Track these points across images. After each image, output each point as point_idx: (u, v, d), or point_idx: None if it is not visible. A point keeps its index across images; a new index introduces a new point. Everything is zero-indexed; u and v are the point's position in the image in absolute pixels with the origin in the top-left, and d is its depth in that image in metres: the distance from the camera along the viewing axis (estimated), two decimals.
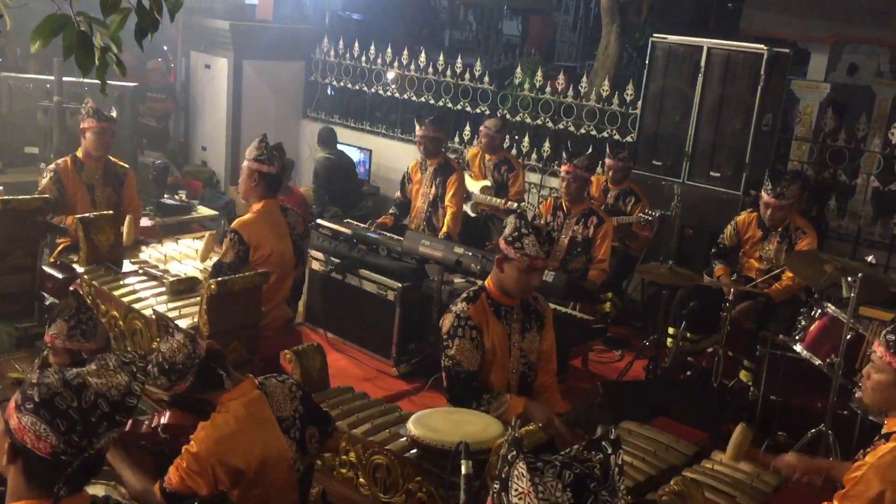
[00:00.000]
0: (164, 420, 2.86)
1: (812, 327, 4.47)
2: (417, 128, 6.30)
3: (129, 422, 2.56)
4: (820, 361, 4.36)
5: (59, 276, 4.87)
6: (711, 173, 6.54)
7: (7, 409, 1.86)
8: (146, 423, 2.92)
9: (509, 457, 1.51)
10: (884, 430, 2.84)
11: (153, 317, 4.15)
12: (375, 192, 8.71)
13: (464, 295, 3.68)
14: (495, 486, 1.52)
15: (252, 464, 2.70)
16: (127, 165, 5.90)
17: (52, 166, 5.58)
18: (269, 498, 2.77)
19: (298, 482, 2.87)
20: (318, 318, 5.91)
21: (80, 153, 5.60)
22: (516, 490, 1.47)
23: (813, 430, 4.38)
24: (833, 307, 4.40)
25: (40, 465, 1.78)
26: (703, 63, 6.46)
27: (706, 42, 6.52)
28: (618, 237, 6.20)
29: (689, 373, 5.42)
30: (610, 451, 1.51)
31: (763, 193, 5.33)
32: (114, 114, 5.81)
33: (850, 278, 4.18)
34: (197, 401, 2.77)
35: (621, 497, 1.50)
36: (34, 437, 1.77)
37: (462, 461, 1.97)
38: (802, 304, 4.94)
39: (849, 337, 4.16)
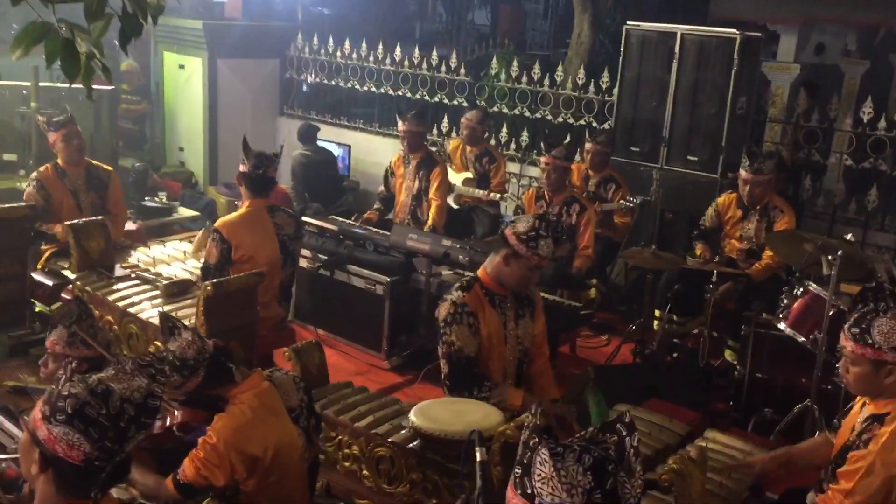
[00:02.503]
0: (177, 419, 2.91)
1: (794, 305, 4.58)
2: (400, 123, 6.34)
3: None
4: (803, 338, 4.47)
5: (49, 282, 4.88)
6: (689, 157, 6.63)
7: (32, 421, 1.89)
8: (158, 423, 2.96)
9: (531, 443, 1.58)
10: (873, 411, 2.87)
11: (151, 320, 4.19)
12: (355, 187, 8.72)
13: (458, 284, 3.74)
14: (517, 470, 1.59)
15: (268, 451, 2.77)
16: (110, 168, 5.88)
17: (34, 174, 5.56)
18: (283, 486, 2.84)
19: (308, 471, 2.94)
20: (308, 314, 5.94)
21: (60, 161, 5.57)
22: (539, 475, 1.54)
23: (799, 406, 4.50)
24: (814, 285, 4.52)
25: (73, 472, 1.83)
26: (677, 49, 6.55)
27: (679, 28, 6.61)
28: (598, 225, 6.29)
29: (675, 354, 5.53)
30: (625, 433, 1.59)
31: (741, 171, 5.44)
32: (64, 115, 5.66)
33: (830, 256, 4.29)
34: (209, 397, 2.82)
35: (637, 477, 1.57)
36: (66, 447, 1.81)
37: (476, 449, 2.04)
38: (783, 284, 5.06)
39: (831, 313, 4.27)
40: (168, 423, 2.93)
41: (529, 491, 1.55)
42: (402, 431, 3.36)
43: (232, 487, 2.79)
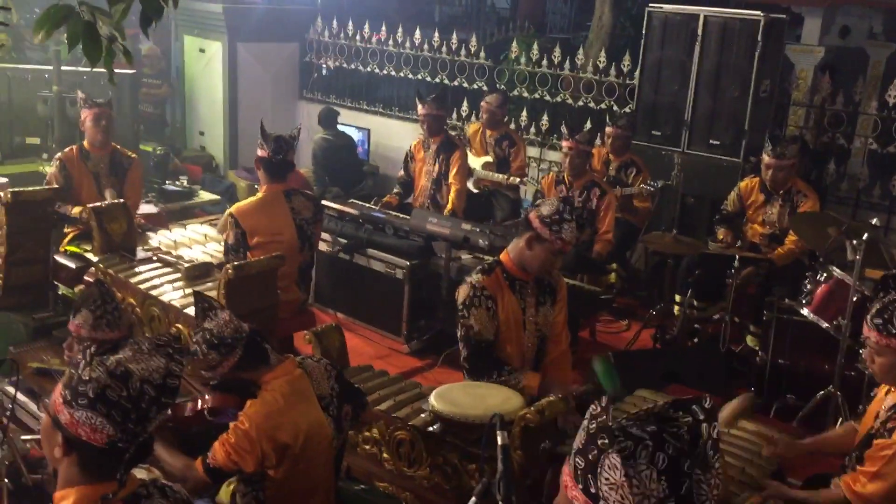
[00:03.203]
0: (209, 402, 2.92)
1: (818, 291, 4.53)
2: (419, 106, 6.32)
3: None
4: (827, 324, 4.43)
5: (72, 265, 4.91)
6: (711, 141, 6.57)
7: (53, 405, 1.90)
8: (189, 405, 2.98)
9: (599, 442, 1.44)
10: None
11: (173, 303, 4.21)
12: (375, 172, 8.72)
13: (479, 267, 3.74)
14: (579, 462, 1.47)
15: (298, 439, 2.77)
16: (135, 156, 5.90)
17: (58, 154, 5.62)
18: (311, 473, 2.85)
19: (334, 458, 2.95)
20: (327, 298, 5.96)
21: (86, 143, 5.63)
22: (608, 479, 1.43)
23: (821, 392, 4.46)
24: (838, 270, 4.47)
25: (97, 455, 1.84)
26: (699, 31, 6.47)
27: (702, 10, 6.53)
28: (618, 209, 6.26)
29: (696, 340, 5.50)
30: (702, 417, 1.44)
31: (764, 155, 5.39)
32: (104, 99, 5.76)
33: (854, 241, 4.24)
34: (243, 381, 2.83)
35: (716, 475, 1.43)
36: (90, 430, 1.82)
37: (498, 432, 2.04)
38: (805, 269, 5.01)
39: (855, 299, 4.23)
40: (199, 406, 2.94)
41: (594, 491, 1.45)
42: (422, 415, 3.37)
43: (259, 473, 2.80)
